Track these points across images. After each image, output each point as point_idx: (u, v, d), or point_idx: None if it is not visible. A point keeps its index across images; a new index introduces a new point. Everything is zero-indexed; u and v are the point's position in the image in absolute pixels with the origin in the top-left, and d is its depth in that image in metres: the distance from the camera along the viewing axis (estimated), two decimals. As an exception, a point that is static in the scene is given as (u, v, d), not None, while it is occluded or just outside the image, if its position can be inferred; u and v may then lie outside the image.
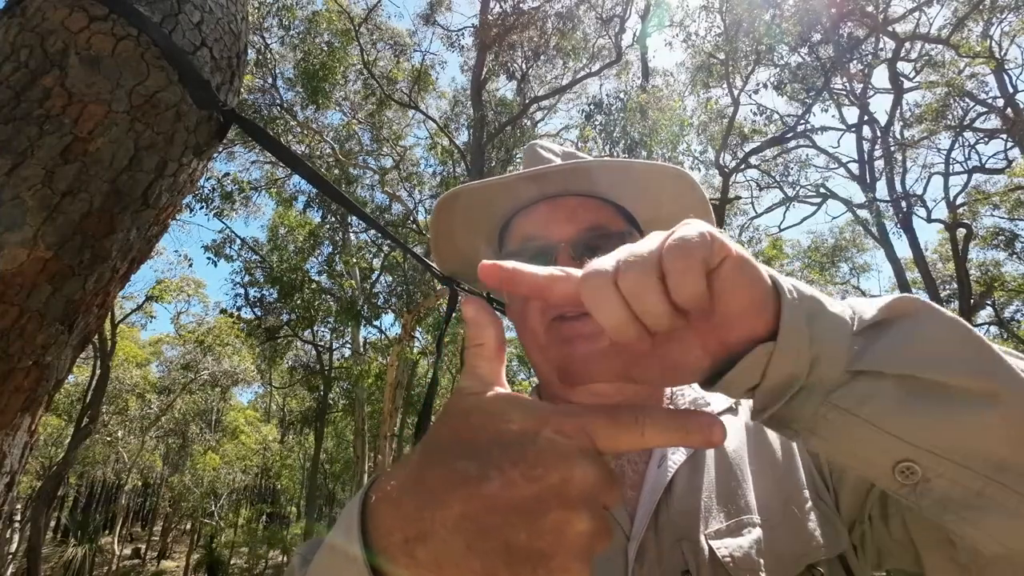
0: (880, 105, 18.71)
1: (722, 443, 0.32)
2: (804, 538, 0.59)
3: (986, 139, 15.39)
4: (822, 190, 16.09)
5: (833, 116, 16.31)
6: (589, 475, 0.30)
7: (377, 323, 15.67)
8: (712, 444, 0.32)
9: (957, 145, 15.14)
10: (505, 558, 0.28)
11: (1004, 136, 14.25)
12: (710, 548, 0.58)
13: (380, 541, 0.32)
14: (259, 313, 14.79)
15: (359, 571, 0.32)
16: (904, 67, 14.77)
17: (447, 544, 0.29)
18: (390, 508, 0.33)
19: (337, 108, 15.92)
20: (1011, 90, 13.61)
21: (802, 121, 13.88)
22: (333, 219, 15.49)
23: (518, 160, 16.04)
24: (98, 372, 13.92)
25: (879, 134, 14.77)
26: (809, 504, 0.62)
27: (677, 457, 0.65)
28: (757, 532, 0.59)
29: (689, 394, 0.74)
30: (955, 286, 15.40)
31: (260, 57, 13.83)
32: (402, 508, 0.32)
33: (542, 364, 0.71)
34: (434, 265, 1.40)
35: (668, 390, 0.77)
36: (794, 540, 0.59)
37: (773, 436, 0.68)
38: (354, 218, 16.09)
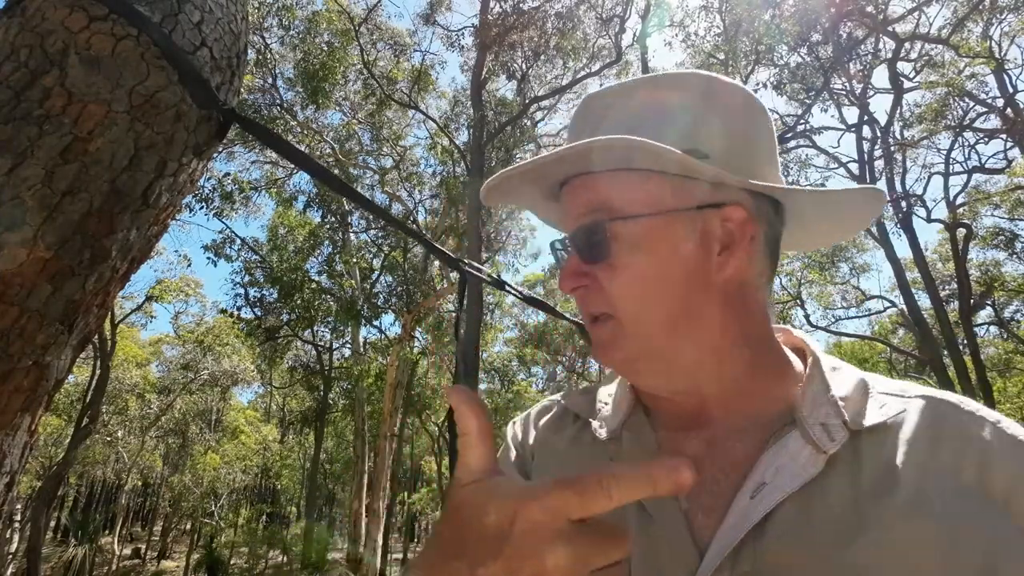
0: (880, 105, 18.72)
1: (689, 483, 0.31)
2: None
3: (986, 139, 15.39)
4: (822, 190, 16.07)
5: (833, 116, 16.37)
6: (561, 559, 0.31)
7: (377, 323, 15.69)
8: (682, 488, 0.31)
9: (957, 145, 15.16)
10: None
11: (1004, 136, 14.26)
12: None
13: None
14: (259, 313, 14.80)
15: None
16: (904, 67, 14.78)
17: None
18: None
19: (337, 108, 15.94)
20: (1011, 90, 13.61)
21: (802, 121, 13.88)
22: (333, 219, 15.52)
23: (518, 160, 16.03)
24: (98, 372, 13.92)
25: (879, 134, 14.77)
26: None
27: (781, 483, 0.48)
28: None
29: (815, 415, 0.52)
30: (955, 286, 15.41)
31: (260, 57, 13.84)
32: None
33: None
34: (443, 250, 1.40)
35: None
36: None
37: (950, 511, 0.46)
38: (354, 218, 16.11)
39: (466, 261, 1.36)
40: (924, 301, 15.30)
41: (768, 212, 0.56)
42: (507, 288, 1.39)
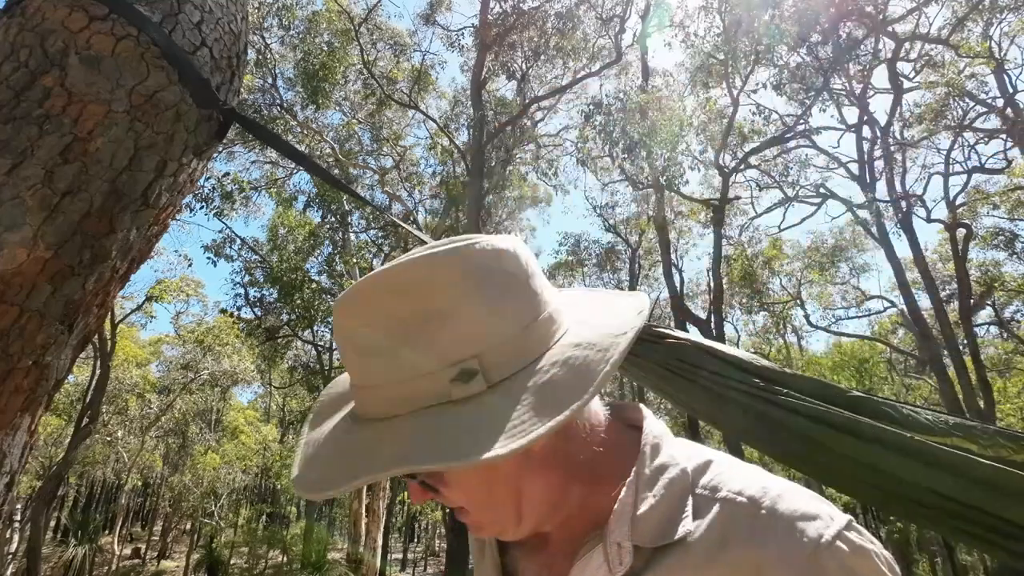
0: (880, 105, 18.73)
1: None
2: None
3: (986, 139, 15.39)
4: (822, 190, 16.10)
5: (833, 116, 16.34)
6: None
7: (377, 323, 15.67)
8: None
9: (957, 145, 15.16)
10: None
11: (1004, 136, 14.26)
12: None
13: None
14: (259, 313, 14.79)
15: None
16: (904, 67, 14.79)
17: None
18: None
19: (337, 108, 15.94)
20: (1011, 90, 13.61)
21: (801, 121, 13.89)
22: (333, 219, 15.50)
23: (518, 160, 16.06)
24: (98, 372, 13.92)
25: (879, 134, 14.77)
26: None
27: None
28: None
29: (616, 532, 0.52)
30: (955, 286, 15.41)
31: (260, 57, 13.84)
32: None
33: None
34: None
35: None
36: None
37: None
38: (354, 218, 16.12)
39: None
40: (924, 301, 15.31)
41: None
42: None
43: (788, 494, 0.48)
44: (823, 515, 0.46)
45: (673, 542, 0.49)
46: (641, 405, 0.61)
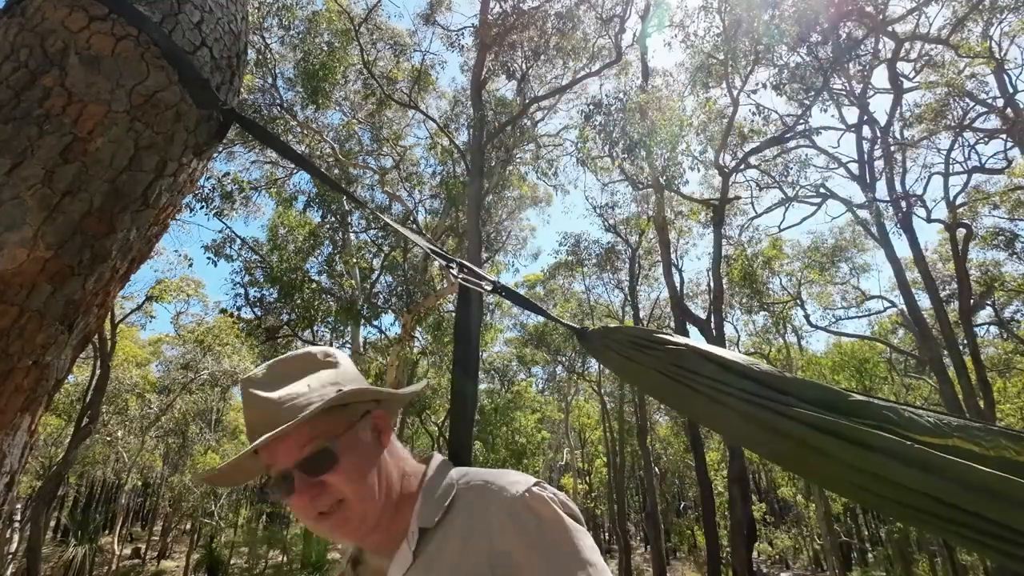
0: (880, 105, 18.69)
1: None
2: None
3: (986, 139, 15.39)
4: (822, 190, 16.09)
5: (833, 116, 16.34)
6: None
7: (377, 323, 15.68)
8: None
9: (957, 145, 15.15)
10: None
11: (1004, 136, 14.25)
12: None
13: None
14: (259, 313, 14.77)
15: None
16: (904, 67, 14.78)
17: None
18: None
19: (337, 108, 15.93)
20: (1011, 90, 13.61)
21: (801, 121, 13.88)
22: (333, 219, 15.49)
23: (518, 160, 16.05)
24: (98, 372, 13.92)
25: (879, 134, 14.77)
26: None
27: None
28: None
29: (412, 524, 0.81)
30: (955, 286, 15.41)
31: (260, 57, 13.83)
32: None
33: None
34: (438, 250, 1.41)
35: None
36: None
37: None
38: (354, 218, 16.12)
39: (459, 262, 1.34)
40: (924, 301, 15.30)
41: (388, 405, 0.93)
42: (501, 292, 1.38)
43: (504, 475, 0.81)
44: (520, 480, 0.78)
45: (443, 518, 0.78)
46: (435, 453, 0.94)
